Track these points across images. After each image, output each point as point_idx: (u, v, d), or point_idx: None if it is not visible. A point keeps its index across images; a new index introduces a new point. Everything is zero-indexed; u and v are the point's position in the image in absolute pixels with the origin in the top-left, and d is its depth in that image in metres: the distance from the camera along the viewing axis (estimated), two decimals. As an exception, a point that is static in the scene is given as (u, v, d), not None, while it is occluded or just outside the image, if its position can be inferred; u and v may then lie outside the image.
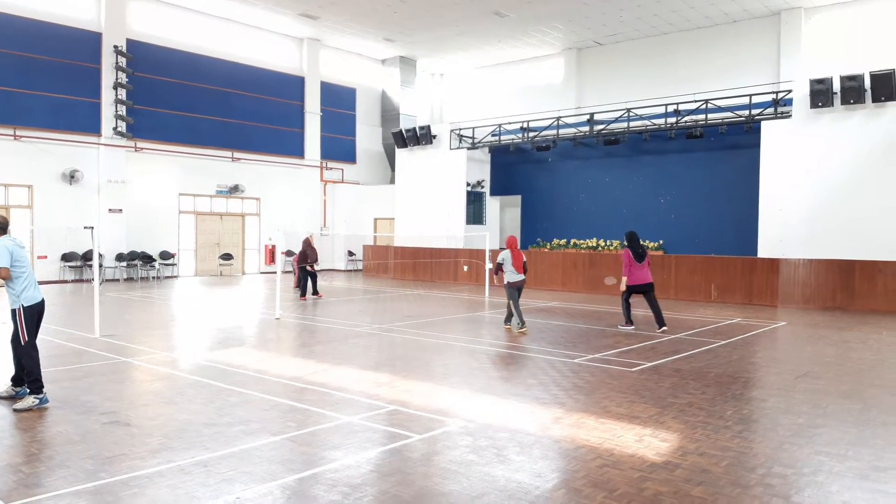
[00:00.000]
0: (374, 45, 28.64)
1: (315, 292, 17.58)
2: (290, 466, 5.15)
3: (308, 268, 17.40)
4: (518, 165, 26.27)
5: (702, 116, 20.39)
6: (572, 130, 23.41)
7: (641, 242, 12.75)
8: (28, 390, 6.72)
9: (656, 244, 21.91)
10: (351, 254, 28.85)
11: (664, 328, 11.88)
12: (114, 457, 5.28)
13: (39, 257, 20.55)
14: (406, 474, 4.96)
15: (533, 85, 29.44)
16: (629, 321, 12.29)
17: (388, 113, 30.98)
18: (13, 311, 6.76)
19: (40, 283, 20.14)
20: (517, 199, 26.83)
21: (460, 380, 8.10)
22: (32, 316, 6.78)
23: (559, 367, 8.75)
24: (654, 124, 21.34)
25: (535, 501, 4.46)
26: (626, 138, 21.99)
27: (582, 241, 23.31)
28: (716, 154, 21.43)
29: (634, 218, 22.36)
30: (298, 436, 5.85)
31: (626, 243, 12.23)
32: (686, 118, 20.60)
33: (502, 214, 27.73)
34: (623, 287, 12.18)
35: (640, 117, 21.59)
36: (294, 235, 23.91)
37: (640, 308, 13.34)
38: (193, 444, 5.51)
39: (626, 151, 23.14)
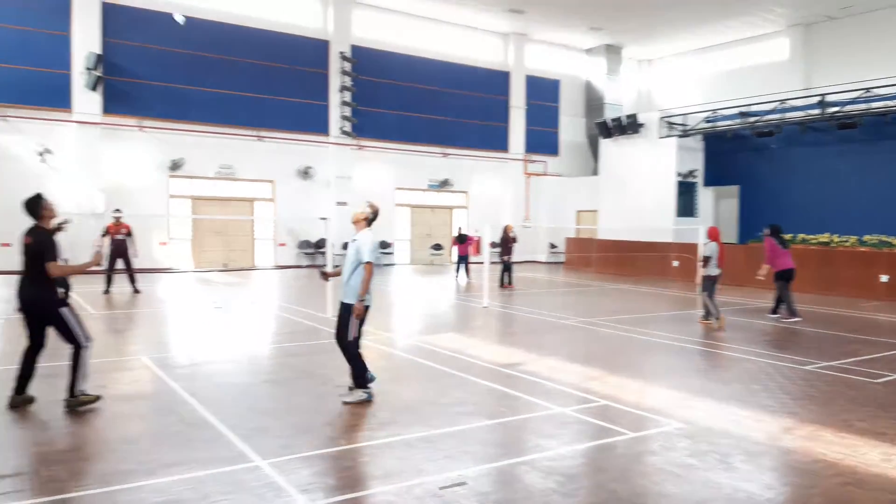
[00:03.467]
0: (579, 36, 28.28)
1: (503, 283, 17.66)
2: (506, 450, 5.34)
3: (504, 258, 17.82)
4: (735, 153, 24.46)
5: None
6: (799, 114, 21.29)
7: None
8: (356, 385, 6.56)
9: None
10: (553, 246, 28.87)
11: (792, 318, 12.13)
12: (347, 426, 5.84)
13: (279, 245, 23.20)
14: (622, 470, 4.91)
15: (751, 66, 27.24)
16: (792, 313, 12.24)
17: (593, 103, 30.44)
18: (349, 306, 6.55)
19: (280, 267, 22.40)
20: (734, 189, 25.01)
21: (675, 379, 7.80)
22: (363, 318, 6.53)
23: (787, 374, 8.07)
24: (902, 104, 18.73)
25: (765, 513, 4.19)
26: (864, 121, 19.55)
27: (811, 237, 21.12)
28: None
29: (875, 210, 19.83)
30: (512, 421, 6.04)
31: (767, 233, 12.60)
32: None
33: (717, 206, 26.01)
34: (764, 275, 12.59)
35: (882, 97, 19.08)
36: (499, 228, 24.45)
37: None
38: (417, 421, 5.92)
39: (863, 136, 20.54)
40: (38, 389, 6.73)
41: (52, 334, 6.21)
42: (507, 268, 17.84)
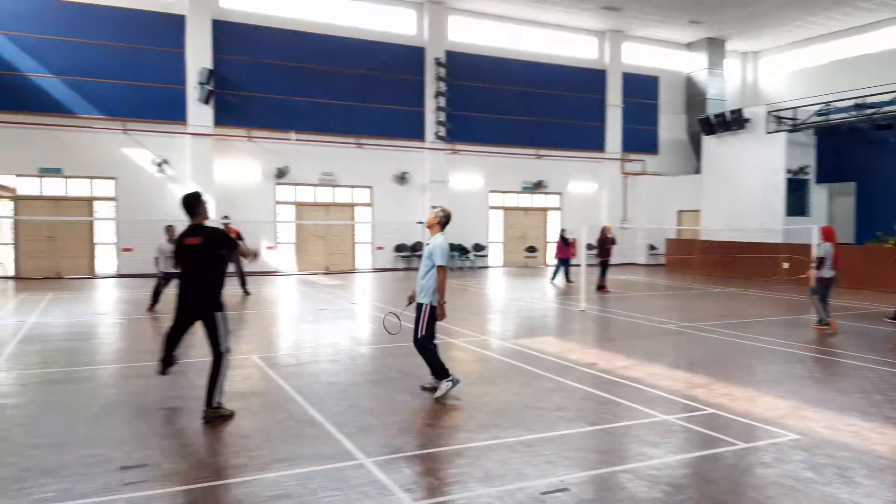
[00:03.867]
0: (678, 30, 27.37)
1: (602, 287, 17.24)
2: (608, 457, 5.26)
3: (602, 260, 17.47)
4: (851, 148, 22.92)
5: None
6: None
7: None
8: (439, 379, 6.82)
9: None
10: (652, 248, 28.04)
11: None
12: (448, 427, 5.92)
13: (377, 248, 23.79)
14: (732, 482, 4.72)
15: (866, 56, 25.50)
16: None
17: (694, 99, 29.36)
18: (421, 306, 6.86)
19: (377, 270, 22.90)
20: (849, 186, 23.46)
21: (787, 387, 7.40)
22: (435, 317, 6.83)
23: (914, 384, 7.50)
24: None
25: (893, 533, 3.92)
26: None
27: (937, 236, 19.52)
28: None
29: None
30: (614, 428, 5.93)
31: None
32: None
33: (831, 205, 24.48)
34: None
35: None
36: (595, 230, 24.01)
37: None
38: (517, 424, 5.92)
39: None
40: (157, 387, 7.22)
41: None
42: (604, 270, 17.50)
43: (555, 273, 19.72)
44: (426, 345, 6.87)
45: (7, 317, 12.21)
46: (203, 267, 5.85)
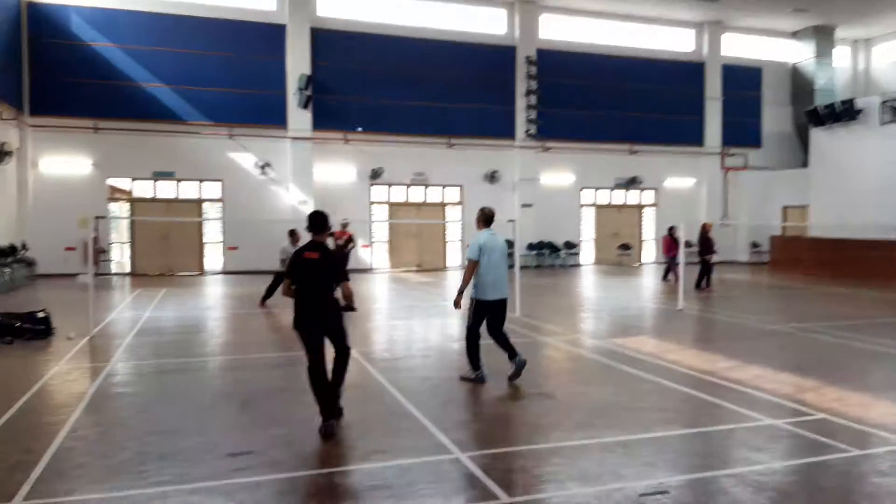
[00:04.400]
0: (782, 19, 25.99)
1: (700, 285, 16.61)
2: (710, 461, 5.09)
3: (704, 258, 16.79)
4: (982, 137, 21.04)
5: None
6: None
7: None
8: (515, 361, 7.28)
9: None
10: (755, 245, 26.77)
11: None
12: (543, 426, 5.89)
13: (467, 246, 23.88)
14: (845, 491, 4.47)
15: None
16: None
17: (800, 90, 27.79)
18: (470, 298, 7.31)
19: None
20: (980, 178, 21.52)
21: (907, 394, 6.92)
22: (479, 310, 7.21)
23: None
24: None
25: None
26: None
27: None
28: None
29: None
30: (716, 431, 5.73)
31: None
32: None
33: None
34: None
35: None
36: (693, 226, 23.21)
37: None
38: (613, 425, 5.83)
39: None
40: (262, 379, 7.57)
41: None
42: (705, 269, 16.84)
43: (668, 271, 18.77)
44: (468, 334, 7.28)
45: (125, 311, 13.13)
46: (317, 282, 5.82)
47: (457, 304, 7.37)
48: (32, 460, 4.92)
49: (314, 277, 5.77)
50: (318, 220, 5.90)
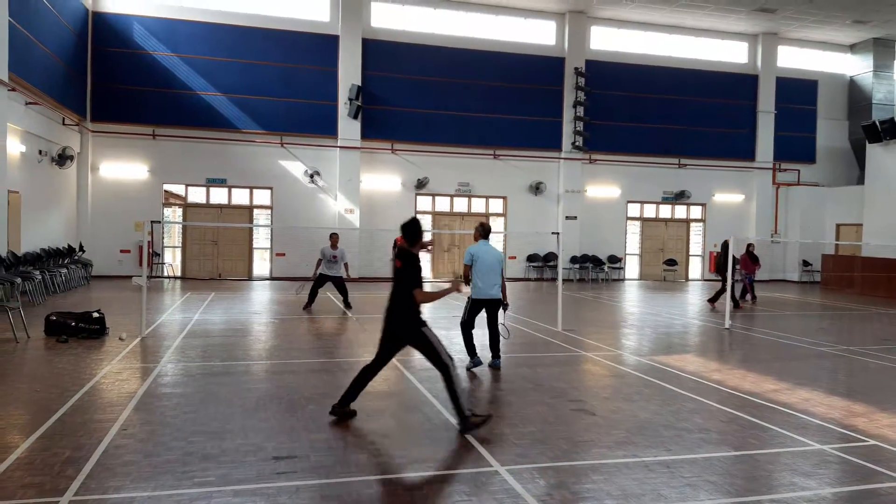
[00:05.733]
0: (840, 31, 25.32)
1: (714, 301, 16.74)
2: (755, 485, 4.97)
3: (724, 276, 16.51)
4: None
5: None
6: None
7: None
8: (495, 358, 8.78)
9: None
10: (806, 264, 26.04)
11: None
12: (583, 442, 5.84)
13: (510, 258, 23.85)
14: (898, 522, 4.32)
15: None
16: None
17: (857, 104, 27.00)
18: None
19: (510, 279, 22.96)
20: None
21: (967, 424, 6.64)
22: (473, 306, 8.65)
23: None
24: None
25: None
26: None
27: None
28: None
29: None
30: (762, 455, 5.60)
31: None
32: None
33: None
34: None
35: None
36: (743, 243, 22.70)
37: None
38: (655, 444, 5.75)
39: None
40: (306, 384, 7.70)
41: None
42: (724, 287, 16.59)
43: (743, 291, 17.81)
44: (463, 328, 8.67)
45: (175, 313, 13.50)
46: (398, 288, 6.13)
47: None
48: (83, 456, 5.10)
49: (396, 283, 6.19)
50: (410, 229, 6.31)
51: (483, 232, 8.72)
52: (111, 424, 5.92)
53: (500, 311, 8.98)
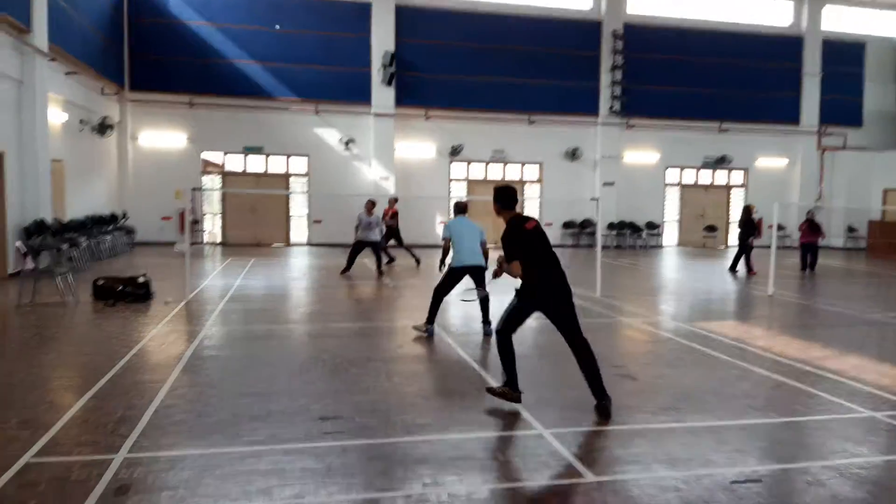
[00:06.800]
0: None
1: (735, 268, 16.55)
2: (805, 451, 4.90)
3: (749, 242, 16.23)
4: None
5: None
6: None
7: None
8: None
9: None
10: (852, 230, 25.34)
11: None
12: (627, 407, 5.79)
13: (546, 224, 23.64)
14: (956, 490, 4.21)
15: None
16: None
17: (910, 65, 25.91)
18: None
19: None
20: None
21: None
22: (451, 274, 8.62)
23: None
24: None
25: None
26: None
27: None
28: None
29: None
30: (810, 421, 5.50)
31: None
32: None
33: None
34: None
35: None
36: (787, 208, 22.21)
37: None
38: (700, 409, 5.68)
39: None
40: (348, 347, 7.76)
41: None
42: (743, 251, 16.33)
43: (805, 261, 17.03)
44: (435, 293, 8.62)
45: (217, 279, 13.72)
46: (550, 258, 5.84)
47: (440, 269, 8.59)
48: (135, 415, 5.24)
49: (542, 249, 5.80)
50: (511, 196, 6.16)
51: (458, 209, 9.21)
52: (160, 385, 6.06)
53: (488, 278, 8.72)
